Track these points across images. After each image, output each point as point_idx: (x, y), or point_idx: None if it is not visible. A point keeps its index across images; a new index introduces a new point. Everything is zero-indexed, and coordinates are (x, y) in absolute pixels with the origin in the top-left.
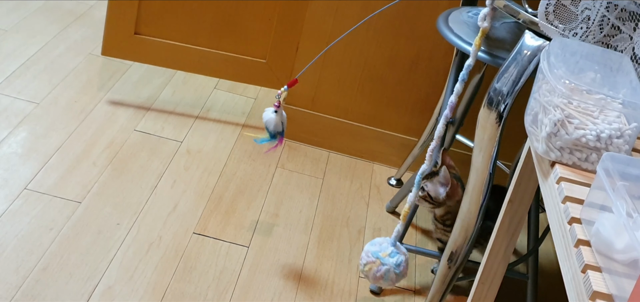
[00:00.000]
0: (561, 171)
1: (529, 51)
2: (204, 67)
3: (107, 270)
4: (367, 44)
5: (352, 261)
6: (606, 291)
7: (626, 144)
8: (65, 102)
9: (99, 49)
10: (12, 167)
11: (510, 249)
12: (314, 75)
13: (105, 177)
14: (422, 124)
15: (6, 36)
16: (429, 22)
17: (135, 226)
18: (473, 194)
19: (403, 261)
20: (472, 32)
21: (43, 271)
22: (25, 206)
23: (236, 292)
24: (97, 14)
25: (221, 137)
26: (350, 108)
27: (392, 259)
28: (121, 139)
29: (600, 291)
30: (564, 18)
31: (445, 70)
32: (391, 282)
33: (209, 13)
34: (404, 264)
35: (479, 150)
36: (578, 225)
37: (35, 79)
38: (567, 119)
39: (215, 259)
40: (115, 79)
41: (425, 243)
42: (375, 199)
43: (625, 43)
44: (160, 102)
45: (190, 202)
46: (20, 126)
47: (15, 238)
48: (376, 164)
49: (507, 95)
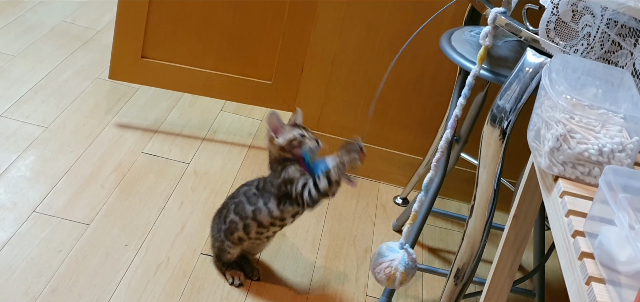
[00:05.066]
0: (564, 185)
1: (531, 68)
2: (210, 90)
3: (115, 291)
4: (371, 65)
5: (359, 280)
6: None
7: (628, 158)
8: (74, 125)
9: (106, 73)
10: (21, 191)
11: (516, 265)
12: (320, 95)
13: (113, 199)
14: (426, 143)
15: (14, 61)
16: (432, 42)
17: (143, 247)
18: (478, 210)
19: (410, 264)
20: (475, 51)
21: (52, 293)
22: (34, 229)
23: None
24: (104, 38)
25: (228, 158)
26: (356, 128)
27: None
28: (129, 162)
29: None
30: (565, 35)
31: (448, 90)
32: (397, 284)
33: (215, 36)
34: (411, 266)
35: (483, 167)
36: (581, 238)
37: (44, 103)
38: (569, 134)
39: (223, 279)
40: (123, 103)
41: (432, 261)
42: (381, 218)
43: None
44: (167, 124)
45: (197, 223)
46: (29, 150)
47: (25, 261)
48: (382, 183)
49: (510, 112)
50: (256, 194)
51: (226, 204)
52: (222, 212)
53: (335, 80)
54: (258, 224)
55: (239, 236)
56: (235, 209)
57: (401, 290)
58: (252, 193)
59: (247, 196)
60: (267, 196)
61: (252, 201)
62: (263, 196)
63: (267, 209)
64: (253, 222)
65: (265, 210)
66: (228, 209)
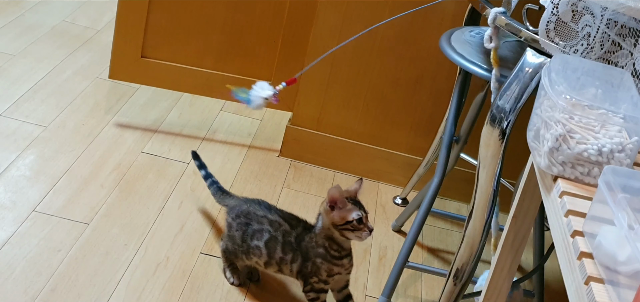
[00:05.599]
0: (563, 185)
1: (531, 68)
2: (210, 90)
3: (115, 291)
4: (371, 65)
5: (358, 281)
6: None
7: (627, 158)
8: (73, 125)
9: (106, 73)
10: (21, 190)
11: (515, 266)
12: (319, 96)
13: (113, 198)
14: (426, 143)
15: (14, 61)
16: (432, 42)
17: (142, 246)
18: (477, 211)
19: None
20: (475, 51)
21: (51, 293)
22: (33, 228)
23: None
24: (104, 38)
25: (227, 158)
26: (355, 128)
27: None
28: (128, 161)
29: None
30: (564, 35)
31: (448, 90)
32: None
33: (215, 36)
34: None
35: (483, 167)
36: (581, 238)
37: (43, 103)
38: (568, 134)
39: (223, 279)
40: (123, 102)
41: (432, 261)
42: (381, 218)
43: (625, 59)
44: (167, 124)
45: (197, 222)
46: (29, 149)
47: (24, 260)
48: (381, 183)
49: (509, 112)
50: (292, 244)
51: (260, 220)
52: (253, 226)
53: (335, 81)
54: (277, 269)
55: (256, 261)
56: (267, 242)
57: (400, 290)
58: (288, 240)
59: (284, 238)
60: (298, 255)
61: (284, 249)
62: (294, 252)
63: (290, 265)
64: (275, 265)
65: (289, 266)
66: (261, 231)
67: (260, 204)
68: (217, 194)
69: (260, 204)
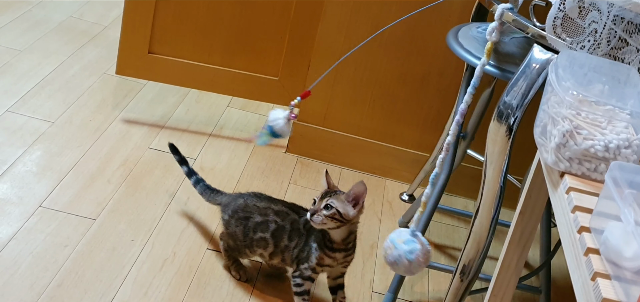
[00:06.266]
0: (570, 181)
1: (538, 64)
2: (217, 86)
3: (121, 286)
4: (378, 62)
5: (365, 276)
6: (615, 298)
7: (634, 154)
8: (80, 120)
9: (113, 69)
10: (27, 185)
11: (522, 262)
12: (326, 92)
13: (120, 194)
14: (433, 139)
15: (21, 56)
16: (439, 39)
17: (149, 242)
18: (484, 207)
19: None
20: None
21: (58, 288)
22: (40, 224)
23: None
24: (111, 34)
25: (234, 154)
26: (362, 124)
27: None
28: (135, 157)
29: (609, 298)
30: (571, 31)
31: (455, 86)
32: (405, 269)
33: (222, 32)
34: (419, 252)
35: (490, 163)
36: (587, 234)
37: (50, 98)
38: (575, 130)
39: (229, 275)
40: (130, 98)
41: (438, 258)
42: (387, 215)
43: (632, 55)
44: (174, 120)
45: (203, 218)
46: (36, 145)
47: (30, 255)
48: (388, 180)
49: (516, 108)
50: (299, 230)
51: (264, 213)
52: (255, 218)
53: (341, 77)
54: (281, 259)
55: (261, 253)
56: (273, 232)
57: (407, 286)
58: (296, 227)
59: (292, 226)
60: (302, 240)
61: (291, 236)
62: (300, 237)
63: (292, 251)
64: (279, 254)
65: (291, 252)
66: (266, 223)
67: (259, 196)
68: (206, 193)
69: (259, 196)
